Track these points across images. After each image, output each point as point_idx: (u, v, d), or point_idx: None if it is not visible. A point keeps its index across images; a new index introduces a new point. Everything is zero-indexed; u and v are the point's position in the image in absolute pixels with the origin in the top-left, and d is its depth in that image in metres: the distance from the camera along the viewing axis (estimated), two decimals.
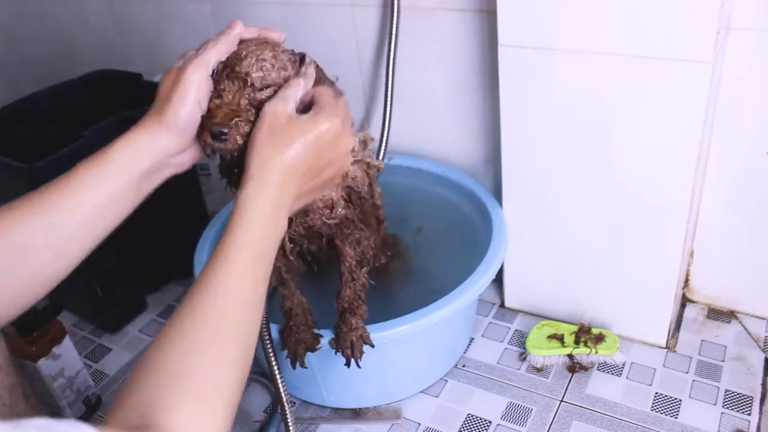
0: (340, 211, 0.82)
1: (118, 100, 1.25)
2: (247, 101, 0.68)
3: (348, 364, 0.84)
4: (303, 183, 0.64)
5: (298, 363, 0.87)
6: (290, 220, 0.82)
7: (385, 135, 1.14)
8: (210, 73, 0.68)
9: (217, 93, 0.70)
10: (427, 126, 1.19)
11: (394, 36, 1.08)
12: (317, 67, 0.77)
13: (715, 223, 1.06)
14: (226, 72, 0.70)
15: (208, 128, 0.68)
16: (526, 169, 1.02)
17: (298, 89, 0.68)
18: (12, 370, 0.89)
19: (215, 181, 1.41)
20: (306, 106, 0.68)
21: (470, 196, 1.12)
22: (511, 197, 1.06)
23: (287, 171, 0.62)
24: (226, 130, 0.67)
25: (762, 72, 0.91)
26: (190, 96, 0.67)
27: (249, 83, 0.68)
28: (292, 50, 0.77)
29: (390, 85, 1.12)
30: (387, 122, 1.14)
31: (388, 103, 1.13)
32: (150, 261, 1.28)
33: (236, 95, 0.68)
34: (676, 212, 0.93)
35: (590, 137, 0.94)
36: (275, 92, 0.69)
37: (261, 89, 0.69)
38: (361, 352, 0.84)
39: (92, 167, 0.67)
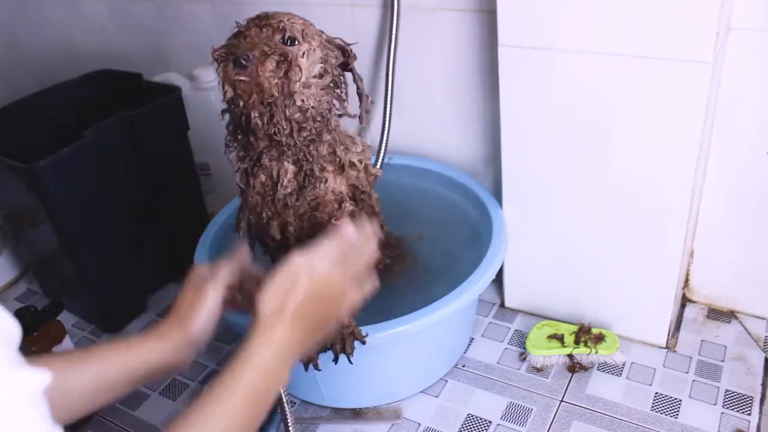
0: (348, 206, 0.83)
1: (118, 100, 1.25)
2: (272, 45, 0.72)
3: (336, 360, 0.84)
4: (310, 337, 0.65)
5: (311, 365, 0.86)
6: (298, 218, 0.83)
7: (385, 135, 1.14)
8: (220, 294, 0.72)
9: (243, 36, 0.73)
10: (427, 126, 1.19)
11: (394, 36, 1.08)
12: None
13: (715, 223, 1.06)
14: (255, 23, 0.73)
15: (233, 57, 0.70)
16: (526, 169, 1.02)
17: (329, 252, 0.67)
18: None
19: (215, 181, 1.41)
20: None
21: (470, 196, 1.12)
22: (511, 197, 1.06)
23: (298, 328, 0.63)
24: (249, 56, 0.70)
25: (762, 72, 0.91)
26: (207, 309, 0.71)
27: (279, 28, 0.72)
28: (337, 38, 0.82)
29: (390, 86, 1.12)
30: (387, 122, 1.14)
31: (388, 103, 1.13)
32: (150, 261, 1.28)
33: (263, 37, 0.72)
34: (676, 212, 0.93)
35: (590, 137, 0.94)
36: (303, 53, 0.74)
37: (287, 41, 0.73)
38: (353, 348, 0.84)
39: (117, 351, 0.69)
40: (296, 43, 0.74)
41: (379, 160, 1.14)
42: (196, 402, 0.58)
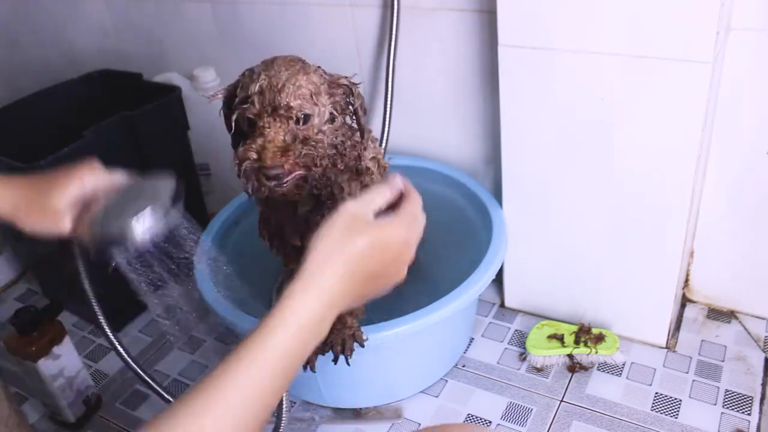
0: None
1: (118, 100, 1.25)
2: (292, 138, 0.71)
3: (336, 360, 0.84)
4: (357, 292, 0.58)
5: (309, 367, 0.87)
6: (316, 225, 0.81)
7: (386, 135, 1.14)
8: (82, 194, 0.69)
9: (258, 131, 0.71)
10: (427, 126, 1.19)
11: (394, 36, 1.08)
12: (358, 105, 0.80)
13: (715, 223, 1.06)
14: (265, 106, 0.71)
15: (261, 173, 0.69)
16: (526, 169, 1.02)
17: (382, 198, 0.61)
18: None
19: (215, 181, 1.41)
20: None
21: (470, 196, 1.12)
22: (511, 197, 1.06)
23: (348, 277, 0.56)
24: (280, 174, 0.69)
25: (762, 72, 0.91)
26: (72, 192, 0.69)
27: (291, 115, 0.70)
28: (341, 76, 0.79)
29: (390, 86, 1.12)
30: (387, 122, 1.14)
31: (389, 103, 1.13)
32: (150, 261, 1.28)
33: (281, 131, 0.70)
34: (676, 212, 0.93)
35: (590, 137, 0.94)
36: (317, 118, 0.71)
37: (302, 121, 0.72)
38: (352, 350, 0.84)
39: None
40: (309, 117, 0.73)
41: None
42: (227, 356, 0.51)
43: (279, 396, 0.53)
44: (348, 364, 0.84)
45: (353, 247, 0.56)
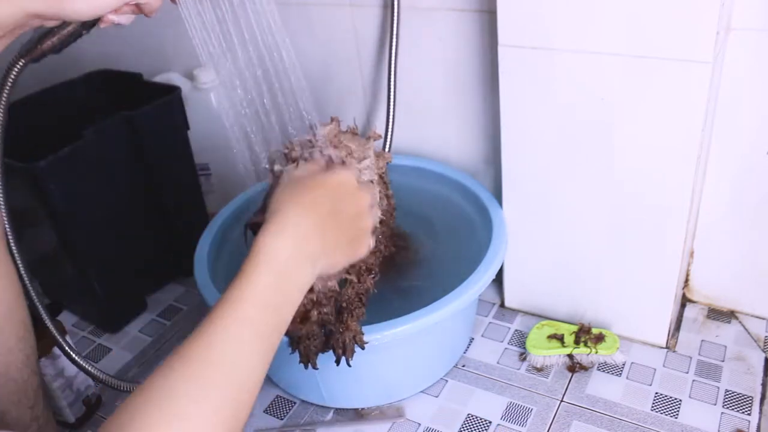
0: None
1: (118, 100, 1.25)
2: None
3: (338, 362, 0.85)
4: (326, 229, 0.60)
5: (310, 365, 0.87)
6: None
7: (389, 135, 1.14)
8: None
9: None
10: (427, 126, 1.19)
11: (394, 36, 1.08)
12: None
13: (715, 223, 1.06)
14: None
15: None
16: (526, 169, 1.02)
17: (316, 164, 0.66)
18: (38, 371, 0.91)
19: (215, 181, 1.41)
20: None
21: (470, 196, 1.12)
22: (511, 197, 1.06)
23: (308, 211, 0.58)
24: None
25: (762, 72, 0.91)
26: None
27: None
28: None
29: (392, 86, 1.12)
30: (390, 123, 1.14)
31: (391, 103, 1.13)
32: (150, 261, 1.28)
33: None
34: (676, 212, 0.93)
35: (590, 137, 0.94)
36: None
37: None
38: (353, 353, 0.84)
39: None
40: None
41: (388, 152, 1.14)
42: (206, 317, 0.51)
43: (274, 341, 0.54)
44: (349, 365, 0.84)
45: (304, 190, 0.60)
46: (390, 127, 1.14)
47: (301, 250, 0.56)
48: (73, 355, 0.92)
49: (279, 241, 0.55)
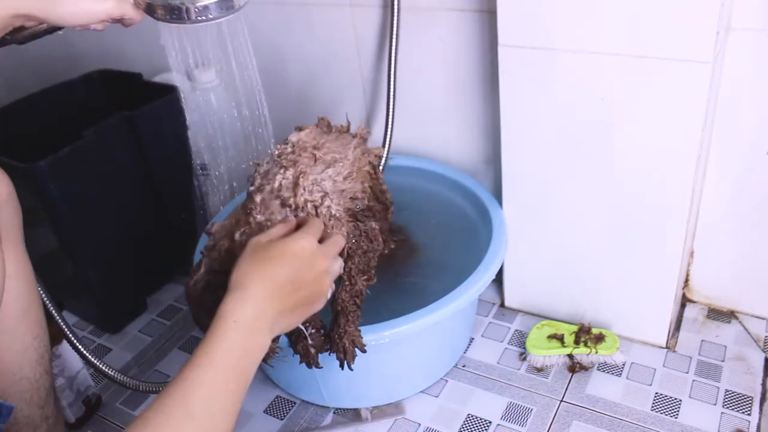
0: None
1: (118, 100, 1.25)
2: None
3: (342, 366, 0.85)
4: (283, 297, 0.66)
5: (312, 364, 0.87)
6: None
7: (389, 135, 1.14)
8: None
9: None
10: (427, 126, 1.19)
11: (394, 36, 1.08)
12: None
13: (715, 223, 1.06)
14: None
15: None
16: (526, 169, 1.02)
17: (280, 230, 0.72)
18: (51, 371, 0.92)
19: (215, 181, 1.41)
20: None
21: (470, 196, 1.12)
22: (511, 197, 1.06)
23: (267, 283, 0.65)
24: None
25: (762, 72, 0.91)
26: None
27: None
28: None
29: (392, 86, 1.12)
30: (390, 123, 1.14)
31: (391, 103, 1.13)
32: (150, 261, 1.28)
33: None
34: (676, 212, 0.93)
35: (590, 137, 0.94)
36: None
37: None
38: (354, 356, 0.85)
39: None
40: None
41: (383, 161, 1.14)
42: (178, 376, 0.57)
43: (239, 398, 0.60)
44: (351, 369, 0.84)
45: (265, 258, 0.67)
46: (390, 125, 1.14)
47: (259, 317, 0.63)
48: (82, 349, 0.93)
49: (241, 309, 0.62)
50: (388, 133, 1.14)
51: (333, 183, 0.87)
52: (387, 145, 1.14)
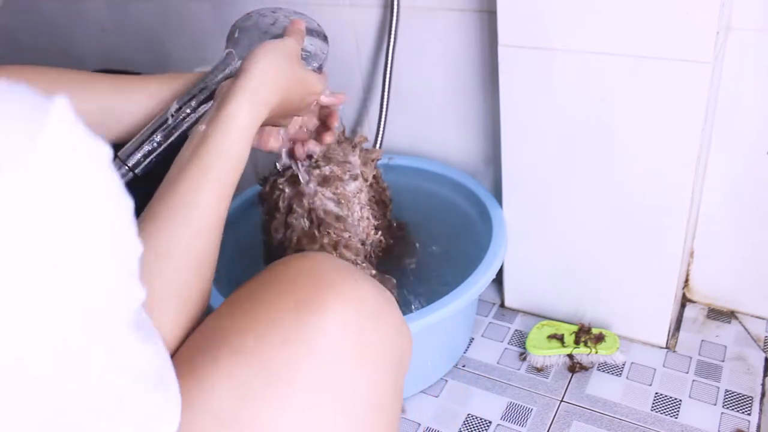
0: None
1: None
2: None
3: None
4: (280, 94, 0.72)
5: None
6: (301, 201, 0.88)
7: (381, 133, 1.14)
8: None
9: None
10: (427, 126, 1.19)
11: (393, 36, 1.08)
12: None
13: (715, 223, 1.06)
14: None
15: None
16: (526, 169, 1.02)
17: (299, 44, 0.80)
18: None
19: None
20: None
21: (470, 196, 1.12)
22: (511, 197, 1.06)
23: (272, 78, 0.70)
24: None
25: (762, 72, 0.91)
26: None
27: None
28: None
29: (387, 84, 1.11)
30: (383, 121, 1.14)
31: (385, 101, 1.12)
32: None
33: None
34: (676, 212, 0.93)
35: (590, 137, 0.94)
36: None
37: None
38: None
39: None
40: None
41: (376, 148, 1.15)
42: (185, 164, 0.64)
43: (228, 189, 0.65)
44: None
45: (280, 63, 0.71)
46: (382, 124, 1.14)
47: (263, 108, 0.69)
48: None
49: (243, 100, 0.67)
50: (380, 129, 1.14)
51: None
52: (379, 143, 1.14)
